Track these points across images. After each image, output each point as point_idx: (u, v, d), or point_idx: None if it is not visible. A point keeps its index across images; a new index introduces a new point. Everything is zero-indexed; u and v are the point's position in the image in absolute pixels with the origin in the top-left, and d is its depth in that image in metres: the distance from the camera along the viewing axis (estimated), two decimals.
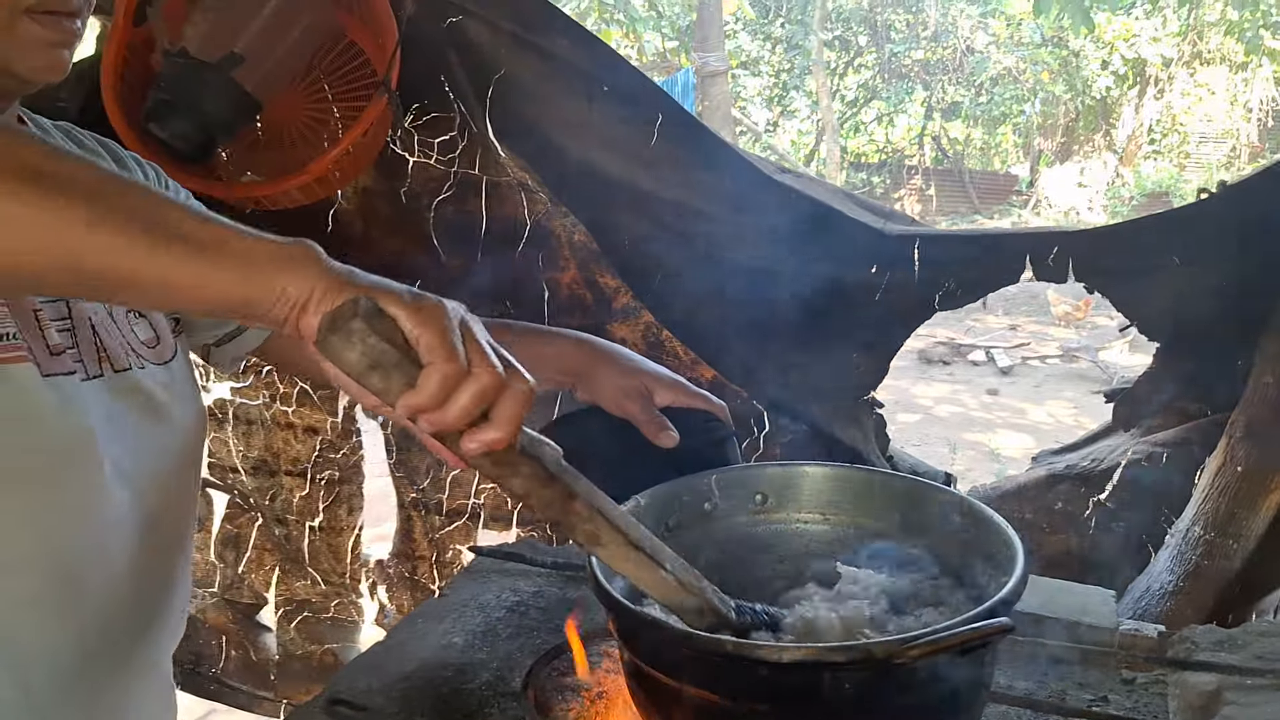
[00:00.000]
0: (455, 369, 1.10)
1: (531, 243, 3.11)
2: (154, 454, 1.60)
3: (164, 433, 1.63)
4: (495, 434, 1.13)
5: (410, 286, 1.14)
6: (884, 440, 3.07)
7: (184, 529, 1.78)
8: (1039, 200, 25.53)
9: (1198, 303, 2.73)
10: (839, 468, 1.89)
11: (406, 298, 1.11)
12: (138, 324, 1.64)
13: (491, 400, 1.12)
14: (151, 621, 1.67)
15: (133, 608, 1.60)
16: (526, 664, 1.88)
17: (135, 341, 1.61)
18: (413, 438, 3.46)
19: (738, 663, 1.30)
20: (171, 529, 1.69)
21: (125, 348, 1.58)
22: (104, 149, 1.79)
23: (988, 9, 24.94)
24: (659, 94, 2.93)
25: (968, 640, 1.25)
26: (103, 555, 1.51)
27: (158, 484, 1.61)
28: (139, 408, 1.58)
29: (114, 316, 1.59)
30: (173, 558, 1.72)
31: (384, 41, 2.82)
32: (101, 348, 1.54)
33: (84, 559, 1.49)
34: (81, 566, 1.48)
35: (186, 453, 1.70)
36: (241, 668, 4.03)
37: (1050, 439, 10.34)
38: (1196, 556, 2.64)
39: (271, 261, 1.10)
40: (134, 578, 1.58)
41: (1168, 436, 2.88)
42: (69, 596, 1.48)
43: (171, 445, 1.65)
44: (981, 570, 1.66)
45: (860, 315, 2.92)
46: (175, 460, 1.66)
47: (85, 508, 1.48)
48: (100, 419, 1.49)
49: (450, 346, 1.10)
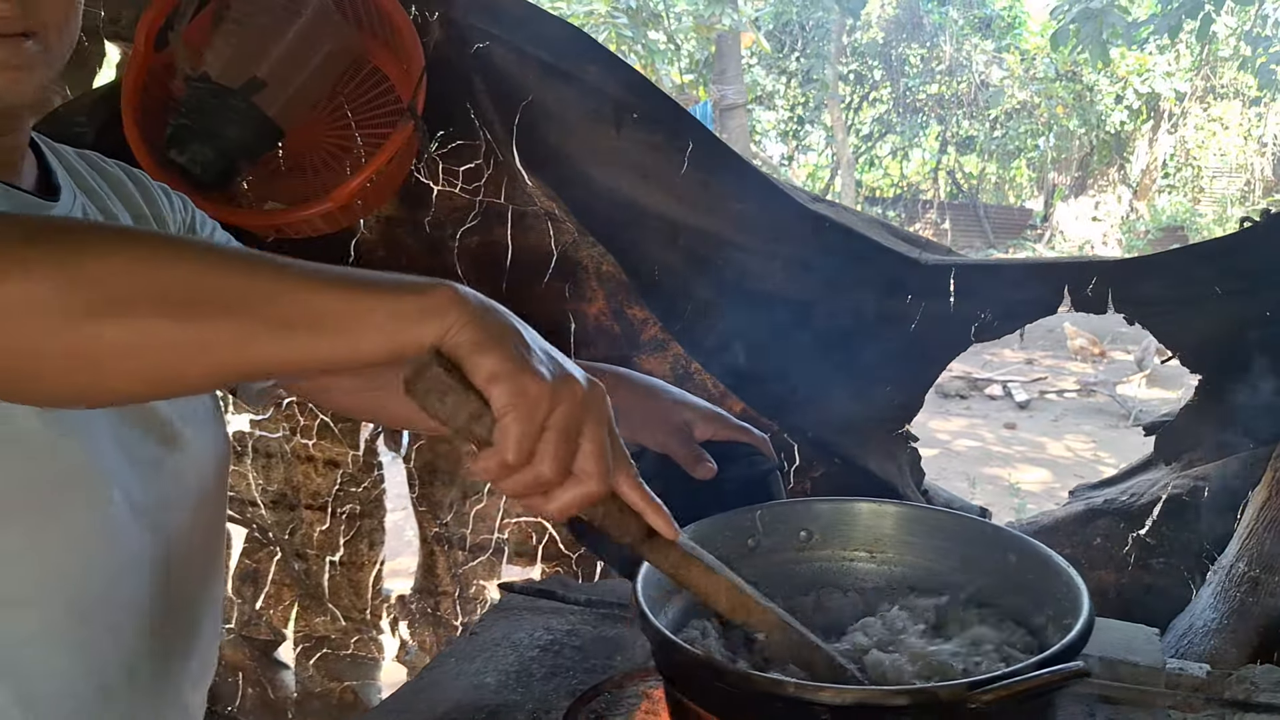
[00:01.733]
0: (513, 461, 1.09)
1: (558, 273, 3.06)
2: (169, 483, 1.57)
3: (180, 461, 1.59)
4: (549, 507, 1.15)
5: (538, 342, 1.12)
6: (919, 474, 3.02)
7: (208, 560, 1.74)
8: (1053, 234, 25.51)
9: (1240, 333, 2.67)
10: (888, 504, 1.84)
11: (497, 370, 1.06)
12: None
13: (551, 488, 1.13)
14: (176, 657, 1.64)
15: (155, 642, 1.57)
16: (563, 705, 1.83)
17: None
18: (435, 472, 3.44)
19: (798, 705, 1.24)
20: (194, 560, 1.66)
21: None
22: (129, 178, 1.76)
23: (1002, 44, 25.01)
24: (690, 121, 2.89)
25: (1044, 685, 1.20)
26: (117, 587, 1.49)
27: (175, 514, 1.58)
28: (153, 436, 1.55)
29: None
30: (197, 591, 1.69)
31: (409, 67, 2.78)
32: None
33: (95, 591, 1.46)
34: (93, 599, 1.46)
35: (205, 482, 1.67)
36: (259, 706, 3.97)
37: (1069, 474, 10.29)
38: (1241, 594, 2.57)
39: (420, 314, 1.07)
40: (155, 611, 1.55)
41: (1210, 470, 2.81)
42: (80, 630, 1.45)
43: (188, 474, 1.62)
44: (1038, 611, 1.60)
45: (894, 347, 2.86)
46: (193, 489, 1.63)
47: (92, 538, 1.45)
48: (109, 448, 1.46)
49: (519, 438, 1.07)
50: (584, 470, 1.11)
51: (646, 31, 13.79)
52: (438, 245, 3.14)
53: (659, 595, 1.60)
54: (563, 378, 1.09)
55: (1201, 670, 1.92)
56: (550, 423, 1.08)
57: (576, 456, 1.11)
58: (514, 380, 1.05)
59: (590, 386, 1.12)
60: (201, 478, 1.65)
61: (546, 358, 1.10)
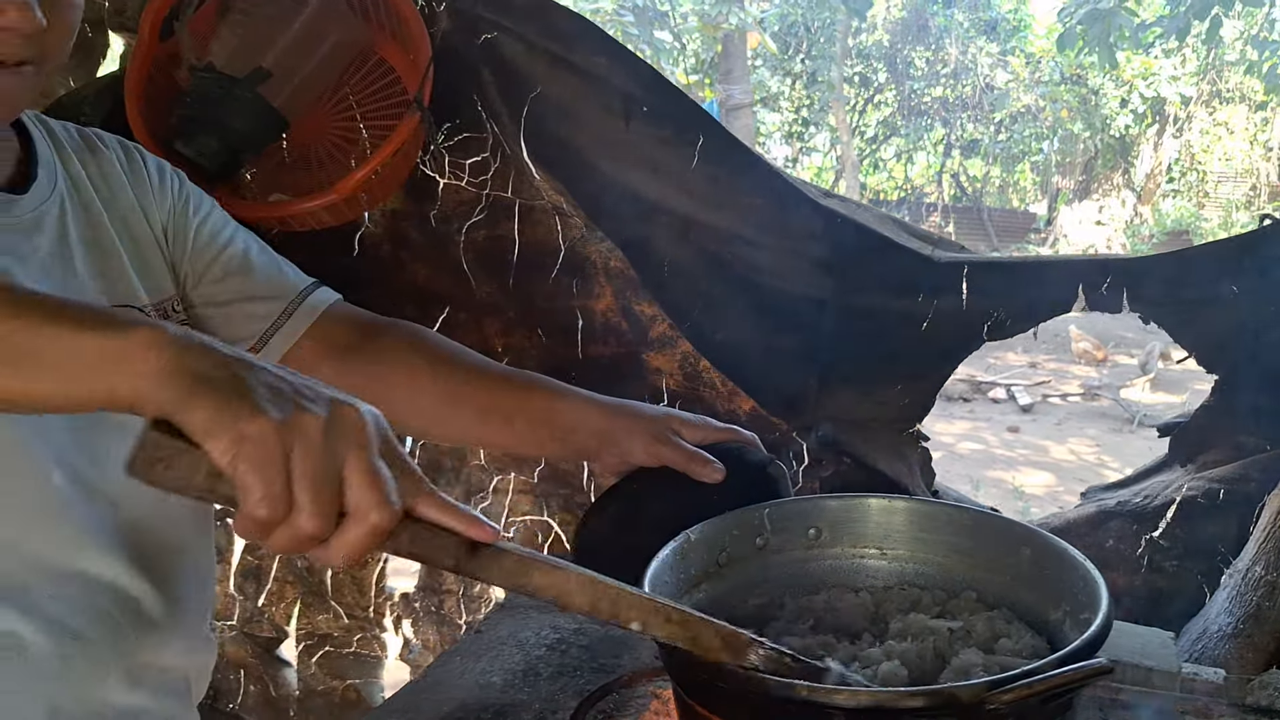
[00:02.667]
0: (265, 516, 0.97)
1: (565, 269, 3.04)
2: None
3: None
4: (334, 558, 1.03)
5: (262, 377, 1.00)
6: (929, 474, 2.99)
7: (185, 538, 1.70)
8: (1057, 238, 25.49)
9: (1257, 333, 2.65)
10: (898, 499, 1.81)
11: (210, 420, 0.96)
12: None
13: (319, 539, 1.01)
14: (153, 629, 1.60)
15: (129, 616, 1.55)
16: (571, 705, 1.80)
17: None
18: (439, 469, 3.41)
19: (810, 708, 1.21)
20: (163, 538, 1.63)
21: None
22: (124, 157, 1.76)
23: (1008, 47, 24.99)
24: (701, 114, 2.86)
25: (1066, 683, 1.16)
26: (66, 562, 1.48)
27: (135, 494, 1.53)
28: (109, 420, 1.52)
29: None
30: (173, 567, 1.65)
31: (416, 58, 2.76)
32: None
33: (35, 564, 1.45)
34: (33, 571, 1.45)
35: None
36: (261, 703, 3.95)
37: (1073, 477, 10.28)
38: (1257, 598, 2.54)
39: (104, 361, 0.98)
40: (121, 583, 1.53)
41: (1225, 472, 2.78)
42: (20, 598, 1.44)
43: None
44: (1054, 608, 1.57)
45: (906, 345, 2.84)
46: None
47: (30, 517, 1.45)
48: (55, 429, 1.46)
49: (260, 490, 0.96)
50: (358, 505, 1.00)
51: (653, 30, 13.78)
52: (443, 239, 3.12)
53: (667, 596, 1.57)
54: (295, 412, 0.98)
55: (1217, 675, 1.90)
56: (293, 467, 0.97)
57: (346, 492, 1.00)
58: (230, 429, 0.94)
59: (336, 410, 1.01)
60: None
61: (271, 393, 0.98)
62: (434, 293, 3.19)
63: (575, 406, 1.87)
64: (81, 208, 1.62)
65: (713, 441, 1.87)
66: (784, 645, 1.42)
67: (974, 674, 1.40)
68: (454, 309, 3.19)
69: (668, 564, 1.60)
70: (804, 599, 1.74)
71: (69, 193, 1.60)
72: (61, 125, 1.68)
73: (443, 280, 3.16)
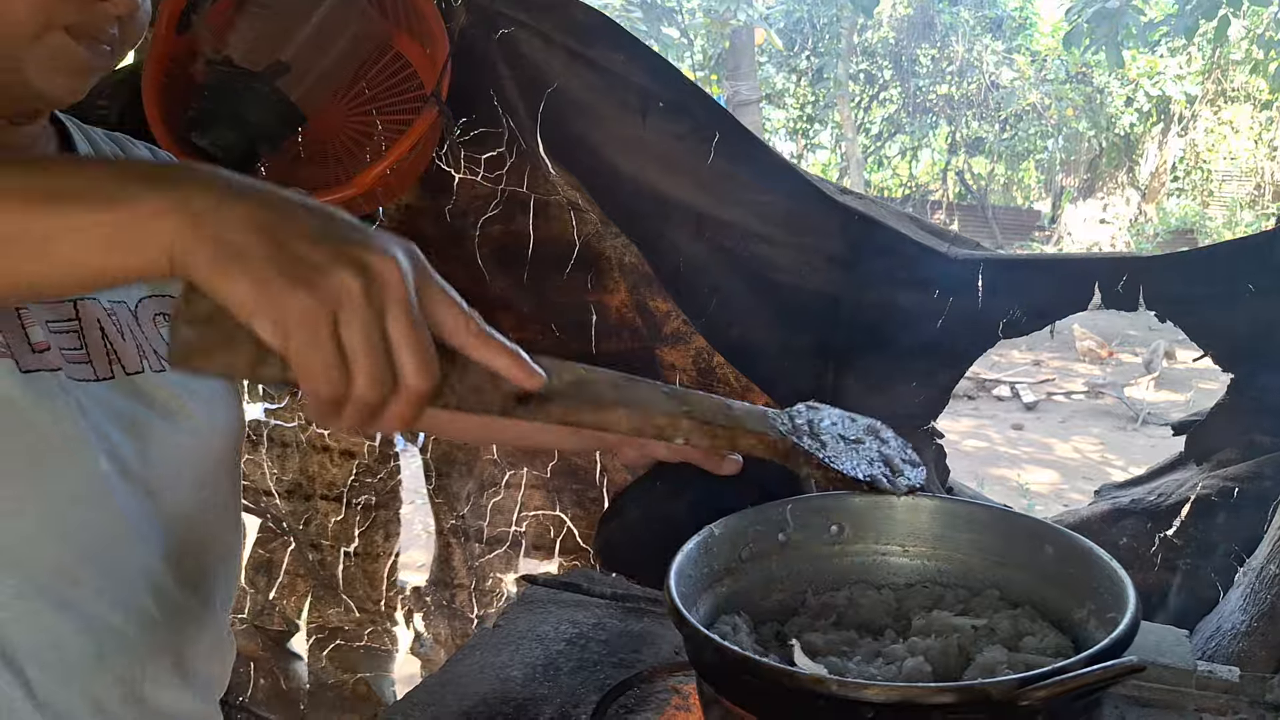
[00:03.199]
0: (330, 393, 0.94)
1: (580, 264, 3.04)
2: (170, 456, 1.55)
3: (182, 436, 1.57)
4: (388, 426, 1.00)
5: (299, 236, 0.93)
6: (944, 471, 2.99)
7: (221, 533, 1.71)
8: (1061, 236, 25.47)
9: (1273, 331, 2.64)
10: (922, 497, 1.80)
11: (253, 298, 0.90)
12: (165, 328, 1.58)
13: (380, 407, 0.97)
14: (185, 627, 1.61)
15: (160, 610, 1.54)
16: (592, 700, 1.80)
17: (157, 344, 1.57)
18: (452, 463, 3.42)
19: (841, 703, 1.21)
20: (203, 531, 1.64)
21: (140, 351, 1.54)
22: (156, 158, 1.76)
23: (1013, 45, 24.96)
24: (717, 110, 2.86)
25: (1098, 681, 1.16)
26: (112, 550, 1.47)
27: (176, 486, 1.56)
28: (155, 410, 1.54)
29: (138, 318, 1.56)
30: (209, 563, 1.66)
31: (433, 53, 2.76)
32: (112, 350, 1.50)
33: (84, 553, 1.44)
34: (82, 561, 1.44)
35: (211, 457, 1.64)
36: (271, 696, 3.96)
37: (1077, 475, 10.28)
38: (1271, 596, 2.54)
39: (123, 233, 0.92)
40: (160, 578, 1.53)
41: (1239, 470, 2.78)
42: (70, 590, 1.43)
43: (191, 449, 1.59)
44: (1078, 606, 1.57)
45: (921, 342, 2.83)
46: (196, 463, 1.61)
47: (79, 502, 1.43)
48: (99, 417, 1.45)
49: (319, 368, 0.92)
50: (405, 370, 0.95)
51: (661, 26, 13.79)
52: (459, 234, 3.12)
53: (691, 591, 1.57)
54: (339, 275, 0.92)
55: (1232, 673, 1.90)
56: (344, 337, 0.92)
57: (395, 356, 0.95)
58: (274, 304, 0.89)
59: (375, 266, 0.94)
60: (207, 451, 1.62)
61: (310, 246, 0.92)
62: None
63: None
64: None
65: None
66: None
67: (999, 671, 1.40)
68: (468, 303, 3.18)
69: (691, 558, 1.60)
70: (826, 595, 1.75)
71: None
72: (94, 131, 1.67)
73: (457, 275, 3.15)
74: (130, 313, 1.55)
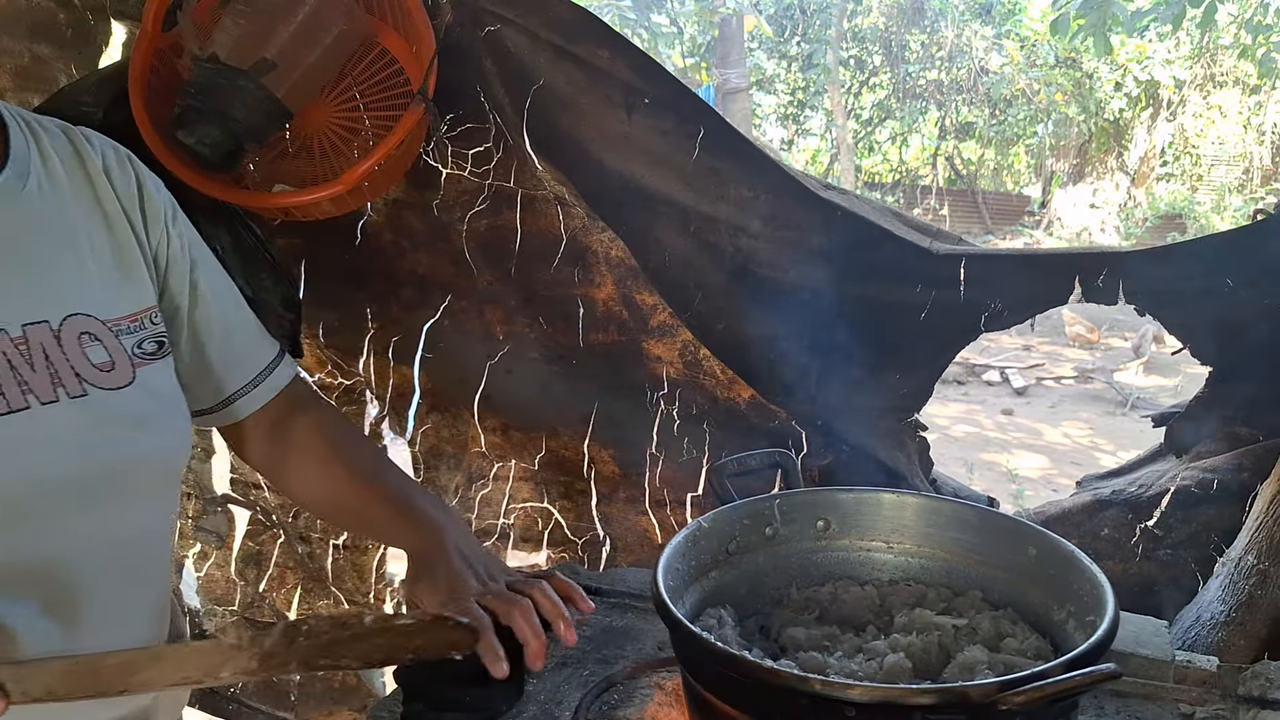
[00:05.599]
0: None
1: (567, 258, 3.05)
2: (107, 473, 1.60)
3: (119, 454, 1.61)
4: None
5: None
6: (927, 463, 3.00)
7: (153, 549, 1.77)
8: (1051, 221, 25.48)
9: (1251, 326, 2.66)
10: (908, 495, 1.83)
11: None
12: (91, 348, 1.60)
13: None
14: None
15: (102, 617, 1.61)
16: (574, 697, 1.81)
17: (86, 368, 1.59)
18: (440, 456, 3.43)
19: (822, 702, 1.23)
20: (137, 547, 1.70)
21: (73, 375, 1.57)
22: (133, 168, 1.76)
23: (1003, 30, 24.94)
24: (701, 106, 2.86)
25: (1076, 687, 1.18)
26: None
27: (117, 501, 1.61)
28: (105, 428, 1.59)
29: (61, 344, 1.57)
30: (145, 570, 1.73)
31: (419, 50, 2.76)
32: (55, 375, 1.54)
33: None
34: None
35: (145, 476, 1.68)
36: (261, 688, 3.97)
37: (1067, 460, 10.31)
38: (1250, 586, 2.56)
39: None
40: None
41: (1219, 462, 2.80)
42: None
43: (125, 468, 1.63)
44: (1058, 608, 1.59)
45: (904, 335, 2.85)
46: (131, 481, 1.64)
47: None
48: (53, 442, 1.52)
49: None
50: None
51: (650, 14, 13.78)
52: (446, 228, 3.13)
53: (678, 585, 1.59)
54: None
55: (1210, 663, 1.91)
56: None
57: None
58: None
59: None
60: (141, 470, 1.66)
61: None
62: (436, 281, 3.21)
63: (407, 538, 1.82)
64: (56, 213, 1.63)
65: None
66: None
67: (979, 671, 1.43)
68: (456, 297, 3.21)
69: (679, 551, 1.63)
70: (810, 590, 1.77)
71: (44, 188, 1.61)
72: (58, 131, 1.68)
73: (445, 269, 3.17)
74: (52, 333, 1.56)
